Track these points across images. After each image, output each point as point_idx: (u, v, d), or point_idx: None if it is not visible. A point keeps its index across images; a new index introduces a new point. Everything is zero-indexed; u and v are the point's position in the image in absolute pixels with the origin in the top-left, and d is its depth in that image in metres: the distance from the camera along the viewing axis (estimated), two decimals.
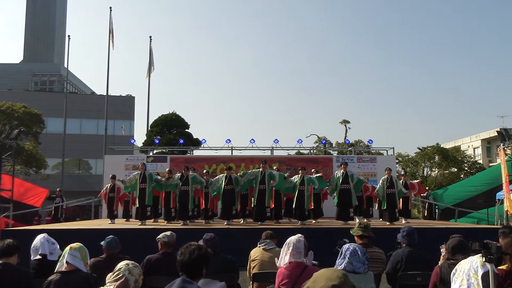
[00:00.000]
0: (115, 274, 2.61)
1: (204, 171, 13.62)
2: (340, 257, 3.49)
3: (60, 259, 3.44)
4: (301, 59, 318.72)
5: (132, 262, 2.72)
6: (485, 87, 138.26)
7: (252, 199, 11.63)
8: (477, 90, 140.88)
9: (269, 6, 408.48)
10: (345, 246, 3.53)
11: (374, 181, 15.63)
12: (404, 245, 4.66)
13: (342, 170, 11.60)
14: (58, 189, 17.45)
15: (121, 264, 2.66)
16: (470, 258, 2.72)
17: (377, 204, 12.43)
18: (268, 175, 11.30)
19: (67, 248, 3.43)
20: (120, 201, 13.23)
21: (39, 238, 4.35)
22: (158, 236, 4.82)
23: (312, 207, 11.60)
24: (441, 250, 4.09)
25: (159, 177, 11.60)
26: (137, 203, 11.36)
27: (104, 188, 13.27)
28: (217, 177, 11.96)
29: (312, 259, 3.71)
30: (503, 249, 2.81)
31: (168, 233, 4.80)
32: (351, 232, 4.59)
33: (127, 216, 13.40)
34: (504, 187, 12.43)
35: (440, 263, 4.26)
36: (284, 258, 3.60)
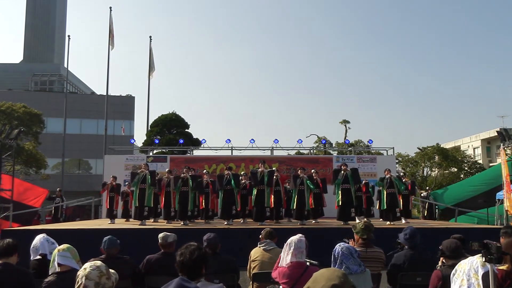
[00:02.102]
0: (78, 285, 2.43)
1: (204, 171, 13.61)
2: (334, 262, 3.47)
3: (51, 264, 3.45)
4: (301, 59, 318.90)
5: (91, 264, 2.49)
6: (485, 87, 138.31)
7: (251, 197, 11.67)
8: (477, 90, 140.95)
9: (269, 6, 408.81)
10: (336, 250, 3.51)
11: (374, 181, 15.64)
12: (406, 247, 4.63)
13: (342, 171, 11.62)
14: (58, 189, 17.44)
15: (79, 272, 2.47)
16: (470, 258, 2.72)
17: (378, 204, 12.47)
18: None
19: (55, 251, 3.43)
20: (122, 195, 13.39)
21: (38, 238, 4.34)
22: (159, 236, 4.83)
23: (313, 206, 11.62)
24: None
25: None
26: (137, 202, 11.36)
27: (107, 184, 13.24)
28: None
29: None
30: (503, 249, 2.81)
31: (167, 233, 4.80)
32: (353, 230, 4.58)
33: (127, 216, 13.40)
34: (504, 187, 12.43)
35: (439, 263, 4.26)
36: (285, 258, 3.60)
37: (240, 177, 12.13)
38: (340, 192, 11.44)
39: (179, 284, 2.28)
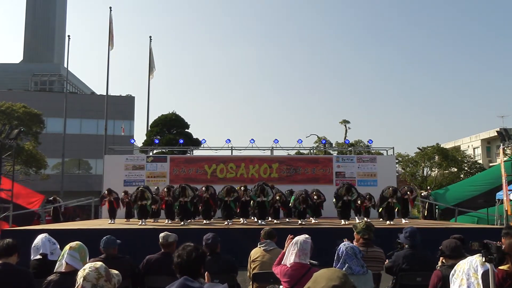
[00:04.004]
0: (76, 285, 2.42)
1: (203, 187, 12.84)
2: (337, 261, 3.47)
3: (60, 258, 3.41)
4: (301, 59, 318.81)
5: (90, 265, 2.46)
6: (485, 87, 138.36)
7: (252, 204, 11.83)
8: (477, 90, 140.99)
9: (269, 5, 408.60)
10: (340, 249, 3.50)
11: (374, 180, 15.66)
12: (406, 246, 4.63)
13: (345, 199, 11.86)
14: (52, 197, 16.91)
15: (79, 272, 2.46)
16: (470, 258, 2.72)
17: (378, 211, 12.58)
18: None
19: (67, 247, 3.38)
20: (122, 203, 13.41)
21: (40, 237, 4.35)
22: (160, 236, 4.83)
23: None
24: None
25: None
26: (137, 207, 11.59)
27: (105, 199, 13.30)
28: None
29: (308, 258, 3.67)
30: (506, 250, 2.81)
31: (168, 233, 4.80)
32: (354, 230, 4.58)
33: (127, 216, 13.40)
34: (503, 188, 12.44)
35: (439, 263, 4.26)
36: (289, 258, 3.59)
37: (237, 188, 12.11)
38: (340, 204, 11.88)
39: (182, 284, 2.26)
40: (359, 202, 11.87)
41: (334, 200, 12.03)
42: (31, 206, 15.23)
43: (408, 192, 11.83)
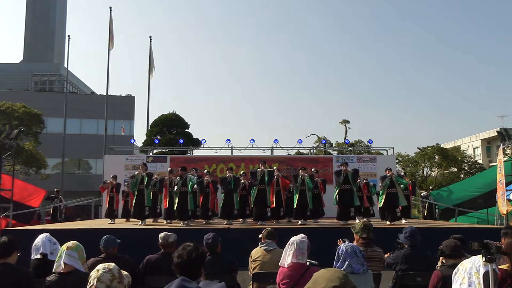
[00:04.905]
0: (89, 286, 2.43)
1: (205, 170, 13.61)
2: (337, 260, 3.47)
3: (57, 259, 3.41)
4: (301, 59, 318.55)
5: (104, 266, 2.47)
6: (485, 87, 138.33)
7: (250, 197, 11.68)
8: (477, 90, 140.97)
9: (269, 5, 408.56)
10: (341, 248, 3.51)
11: (374, 180, 15.64)
12: (406, 246, 4.64)
13: (343, 172, 11.57)
14: (56, 189, 17.28)
15: (92, 273, 2.47)
16: (473, 258, 2.72)
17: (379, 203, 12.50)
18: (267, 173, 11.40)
19: (64, 247, 3.38)
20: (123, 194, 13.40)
21: (41, 237, 4.34)
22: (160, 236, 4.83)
23: (310, 207, 11.63)
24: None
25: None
26: (134, 202, 11.39)
27: (107, 183, 13.21)
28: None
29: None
30: (505, 250, 2.81)
31: (167, 233, 4.80)
32: (352, 230, 4.58)
33: (127, 216, 13.40)
34: (499, 188, 12.42)
35: (439, 264, 4.26)
36: (286, 258, 3.59)
37: (240, 177, 12.12)
38: (338, 191, 11.44)
39: (180, 284, 2.26)
40: (359, 180, 12.14)
41: (334, 182, 11.86)
42: (32, 203, 15.19)
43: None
